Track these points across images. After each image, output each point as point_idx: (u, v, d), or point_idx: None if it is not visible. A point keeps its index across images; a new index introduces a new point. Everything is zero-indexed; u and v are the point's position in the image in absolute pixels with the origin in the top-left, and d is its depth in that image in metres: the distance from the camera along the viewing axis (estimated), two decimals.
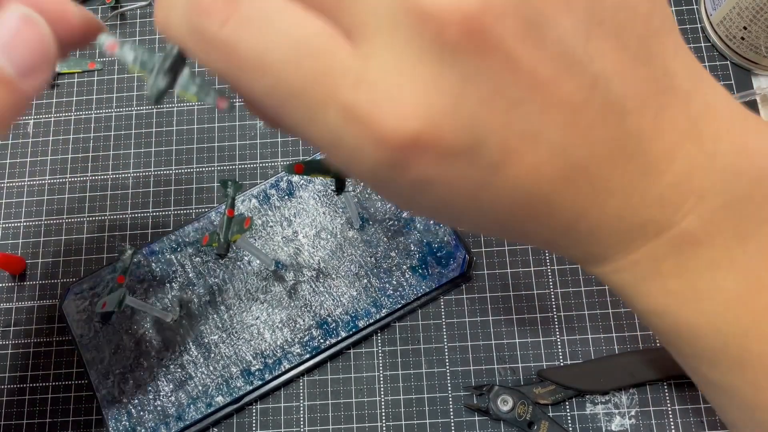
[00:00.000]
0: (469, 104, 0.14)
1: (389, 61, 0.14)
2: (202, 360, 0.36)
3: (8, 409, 0.37)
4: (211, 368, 0.36)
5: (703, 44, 0.41)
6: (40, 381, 0.38)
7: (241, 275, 0.38)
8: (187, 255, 0.38)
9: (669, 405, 0.34)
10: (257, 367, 0.36)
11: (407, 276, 0.37)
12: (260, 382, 0.36)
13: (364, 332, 0.36)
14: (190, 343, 0.37)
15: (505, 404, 0.34)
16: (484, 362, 0.36)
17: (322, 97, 0.15)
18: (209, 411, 0.35)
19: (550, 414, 0.35)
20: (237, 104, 0.42)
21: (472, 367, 0.36)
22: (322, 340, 0.36)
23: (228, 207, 0.33)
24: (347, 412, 0.36)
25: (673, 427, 0.34)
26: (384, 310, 0.36)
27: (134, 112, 0.43)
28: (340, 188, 0.32)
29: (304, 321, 0.37)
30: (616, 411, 0.34)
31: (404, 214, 0.38)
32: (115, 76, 0.44)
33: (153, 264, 0.38)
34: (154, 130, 0.43)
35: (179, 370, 0.36)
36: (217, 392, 0.36)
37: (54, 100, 0.44)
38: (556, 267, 0.37)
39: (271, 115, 0.16)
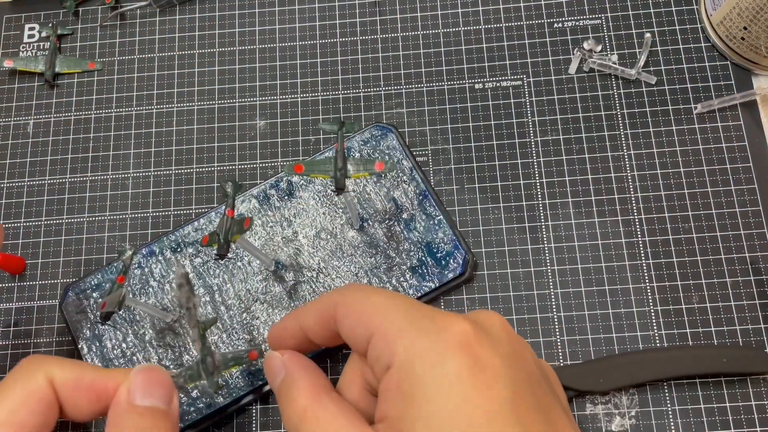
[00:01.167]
0: None
1: None
2: None
3: None
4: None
5: (703, 44, 0.41)
6: None
7: (241, 275, 0.38)
8: (187, 255, 0.38)
9: (669, 405, 0.34)
10: (257, 367, 0.36)
11: (407, 276, 0.37)
12: (260, 383, 0.36)
13: None
14: (190, 343, 0.37)
15: None
16: None
17: None
18: (209, 411, 0.35)
19: None
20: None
21: None
22: None
23: (228, 207, 0.33)
24: None
25: (673, 427, 0.34)
26: None
27: (134, 112, 0.43)
28: (340, 188, 0.32)
29: None
30: (616, 411, 0.34)
31: (404, 215, 0.38)
32: (115, 76, 0.44)
33: (153, 264, 0.38)
34: (154, 130, 0.43)
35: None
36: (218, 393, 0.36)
37: (54, 100, 0.44)
38: (556, 267, 0.37)
39: None
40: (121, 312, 0.37)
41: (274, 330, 0.29)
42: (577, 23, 0.42)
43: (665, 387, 0.35)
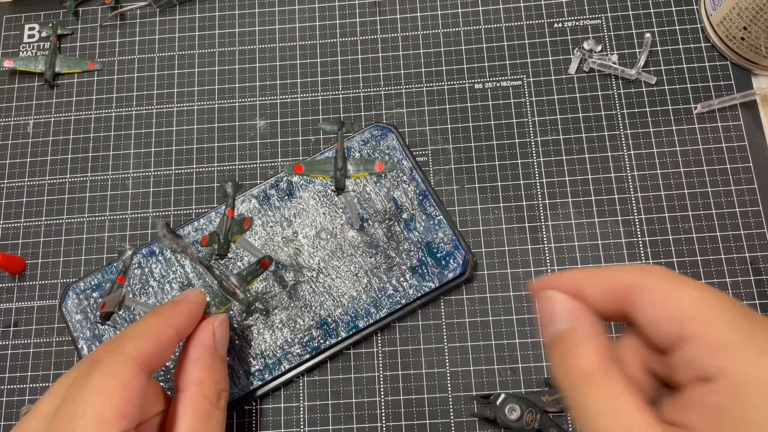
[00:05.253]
0: None
1: None
2: None
3: (8, 410, 0.37)
4: None
5: (703, 44, 0.41)
6: (40, 381, 0.38)
7: None
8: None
9: None
10: (257, 367, 0.36)
11: (407, 276, 0.37)
12: (260, 383, 0.36)
13: (364, 332, 0.36)
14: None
15: (513, 413, 0.34)
16: (484, 363, 0.36)
17: None
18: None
19: (561, 423, 0.35)
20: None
21: (472, 368, 0.36)
22: (322, 341, 0.36)
23: (228, 207, 0.33)
24: (347, 413, 0.36)
25: None
26: (384, 311, 0.36)
27: (134, 112, 0.43)
28: (340, 188, 0.32)
29: (304, 321, 0.37)
30: None
31: (404, 215, 0.38)
32: (115, 76, 0.44)
33: (153, 264, 0.38)
34: (154, 130, 0.43)
35: None
36: None
37: (54, 100, 0.44)
38: (556, 267, 0.37)
39: None
40: (121, 312, 0.37)
41: (547, 279, 0.24)
42: (577, 23, 0.42)
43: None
